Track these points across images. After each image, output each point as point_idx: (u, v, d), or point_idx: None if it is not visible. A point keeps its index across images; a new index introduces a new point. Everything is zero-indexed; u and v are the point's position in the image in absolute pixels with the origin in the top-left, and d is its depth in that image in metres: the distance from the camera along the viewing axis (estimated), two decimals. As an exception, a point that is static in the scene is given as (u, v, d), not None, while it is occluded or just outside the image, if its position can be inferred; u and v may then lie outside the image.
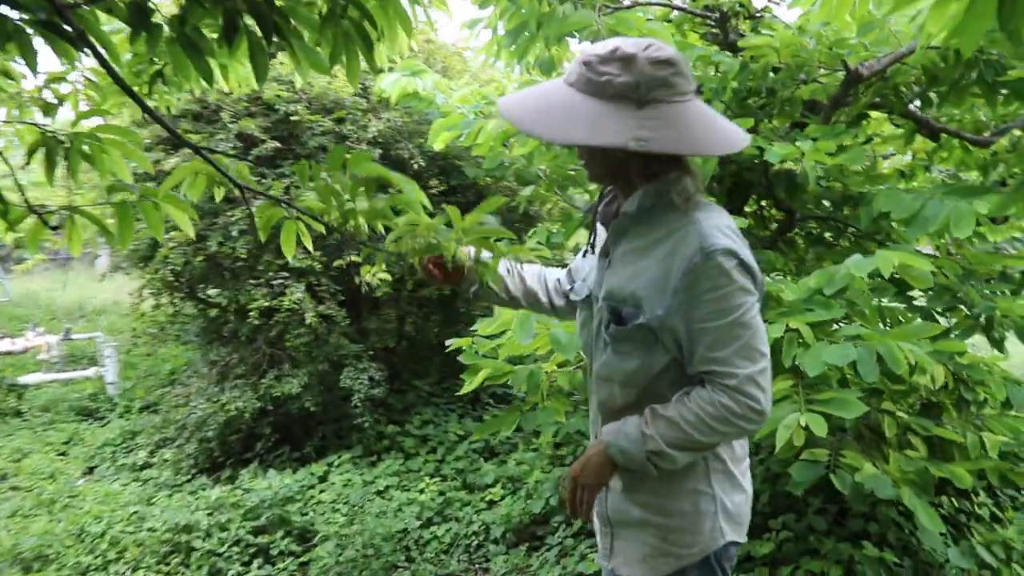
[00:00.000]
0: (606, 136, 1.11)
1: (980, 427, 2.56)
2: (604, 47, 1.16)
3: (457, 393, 3.79)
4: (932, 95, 3.24)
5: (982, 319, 2.50)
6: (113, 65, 1.21)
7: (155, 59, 1.84)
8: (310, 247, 1.63)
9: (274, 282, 4.09)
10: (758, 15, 3.19)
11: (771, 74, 2.94)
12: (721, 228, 1.21)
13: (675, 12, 3.01)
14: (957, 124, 3.72)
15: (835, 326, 2.23)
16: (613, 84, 1.12)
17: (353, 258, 3.99)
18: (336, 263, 4.19)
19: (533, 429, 2.20)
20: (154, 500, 4.10)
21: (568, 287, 1.59)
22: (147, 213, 1.27)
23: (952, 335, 2.48)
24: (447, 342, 2.48)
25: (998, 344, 2.63)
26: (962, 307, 2.57)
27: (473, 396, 5.61)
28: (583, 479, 1.31)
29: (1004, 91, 2.94)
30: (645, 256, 1.27)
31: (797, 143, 2.64)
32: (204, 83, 1.56)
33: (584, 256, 1.50)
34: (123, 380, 6.51)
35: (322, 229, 1.60)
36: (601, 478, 1.31)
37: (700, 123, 1.16)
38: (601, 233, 1.42)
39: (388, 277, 3.79)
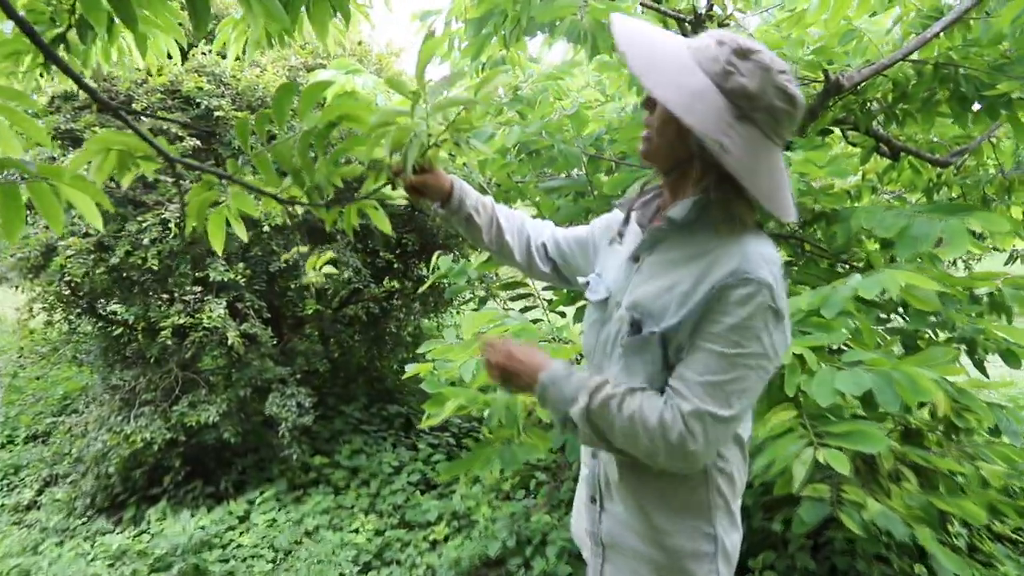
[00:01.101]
0: (695, 116, 1.01)
1: (972, 455, 2.44)
2: (748, 43, 1.07)
3: (420, 426, 3.46)
4: (898, 112, 3.17)
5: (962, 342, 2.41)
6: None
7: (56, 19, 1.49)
8: (243, 234, 1.44)
9: (190, 297, 3.66)
10: (725, 23, 3.05)
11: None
12: (768, 260, 1.10)
13: (641, 9, 2.82)
14: (914, 144, 3.70)
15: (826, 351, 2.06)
16: (733, 79, 1.04)
17: (304, 248, 3.61)
18: (284, 262, 3.79)
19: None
20: (41, 549, 3.57)
21: (560, 256, 1.55)
22: (41, 199, 0.95)
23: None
24: (408, 368, 2.17)
25: (981, 367, 2.54)
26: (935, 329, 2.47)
27: (404, 422, 5.27)
28: (506, 364, 1.29)
29: (976, 108, 2.89)
30: (679, 269, 1.16)
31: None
32: (123, 48, 1.24)
33: (610, 244, 1.37)
34: (5, 407, 5.81)
35: (256, 212, 1.40)
36: (511, 384, 1.30)
37: (775, 172, 1.09)
38: (633, 232, 1.31)
39: (321, 279, 3.41)
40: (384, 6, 2.08)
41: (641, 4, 2.70)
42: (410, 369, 2.19)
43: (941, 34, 2.52)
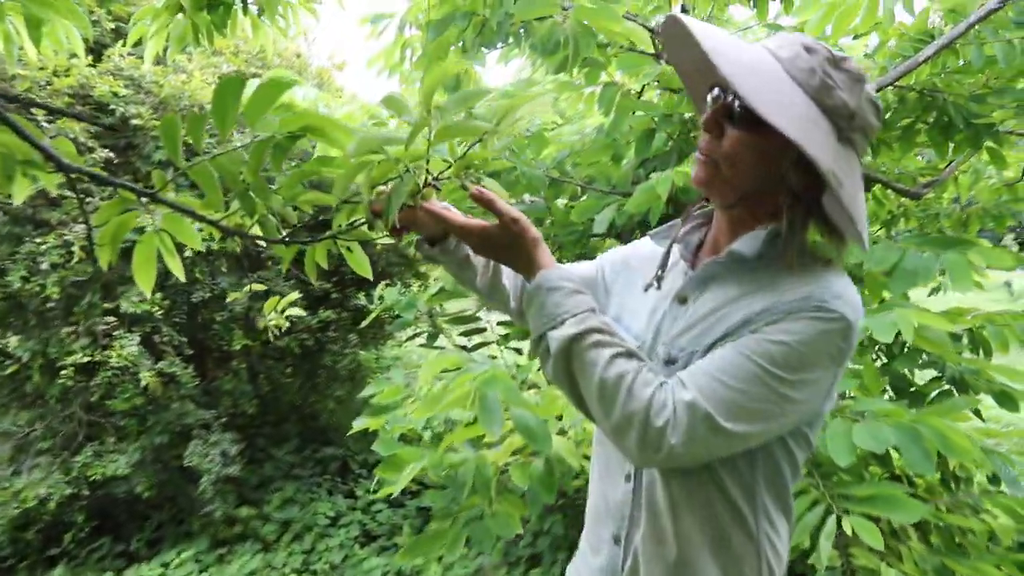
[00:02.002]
0: (813, 146, 0.85)
1: (975, 508, 2.28)
2: (834, 50, 0.92)
3: (374, 487, 3.11)
4: (874, 140, 3.06)
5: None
6: None
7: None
8: (181, 274, 1.19)
9: (98, 329, 3.24)
10: None
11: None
12: (852, 302, 0.93)
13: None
14: (883, 175, 3.61)
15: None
16: (835, 96, 0.90)
17: (256, 285, 3.21)
18: (210, 292, 3.40)
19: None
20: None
21: None
22: None
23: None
24: (356, 423, 1.87)
25: (977, 411, 2.40)
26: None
27: (341, 466, 4.89)
28: (487, 247, 1.06)
29: (957, 138, 2.79)
30: (738, 302, 0.98)
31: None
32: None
33: (646, 291, 1.14)
34: None
35: (199, 244, 1.15)
36: (496, 249, 1.05)
37: (862, 199, 0.93)
38: (677, 268, 1.11)
39: (284, 323, 3.00)
40: (336, 6, 1.81)
41: (625, 16, 2.50)
42: (358, 424, 1.89)
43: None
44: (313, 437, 5.12)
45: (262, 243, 1.33)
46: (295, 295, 2.56)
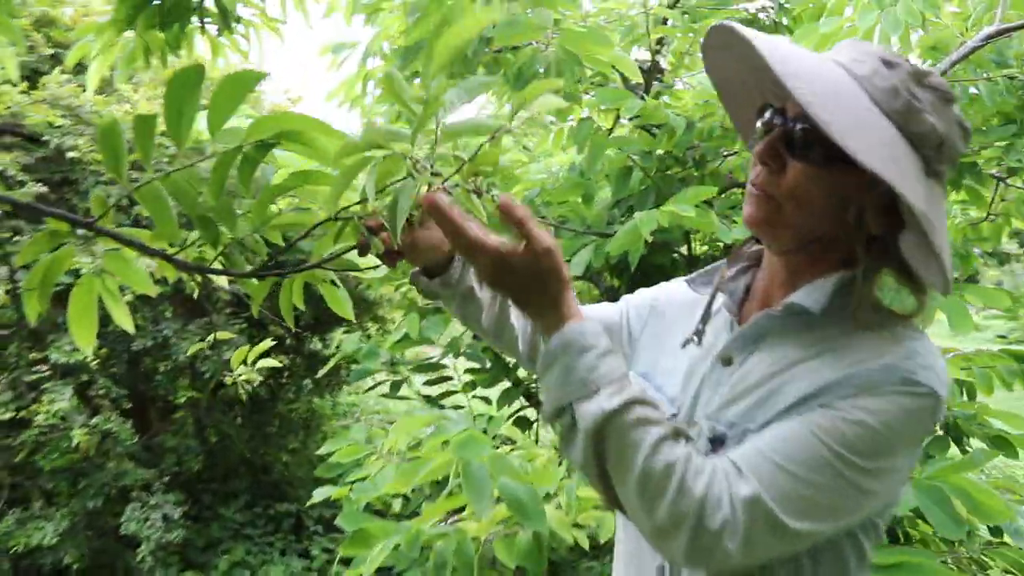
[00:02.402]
0: (905, 186, 0.72)
1: (980, 564, 2.15)
2: (917, 64, 0.79)
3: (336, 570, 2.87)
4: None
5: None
6: None
7: None
8: (128, 324, 1.01)
9: (25, 381, 2.95)
10: (658, 80, 2.78)
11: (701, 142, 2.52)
12: (937, 367, 0.78)
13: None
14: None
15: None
16: (922, 120, 0.76)
17: (222, 334, 2.96)
18: (153, 340, 3.13)
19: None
20: None
21: None
22: None
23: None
24: (317, 494, 1.67)
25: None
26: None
27: (295, 523, 4.60)
28: (501, 278, 0.79)
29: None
30: (797, 368, 0.82)
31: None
32: None
33: (684, 347, 0.96)
34: None
35: (151, 288, 0.97)
36: (505, 289, 0.81)
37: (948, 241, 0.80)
38: (719, 321, 0.94)
39: (256, 378, 2.61)
40: (296, 31, 1.66)
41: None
42: (319, 494, 1.68)
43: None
44: (265, 492, 4.82)
45: (221, 281, 1.14)
46: (267, 343, 2.25)
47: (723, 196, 2.60)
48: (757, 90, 0.87)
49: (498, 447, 2.15)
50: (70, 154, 3.03)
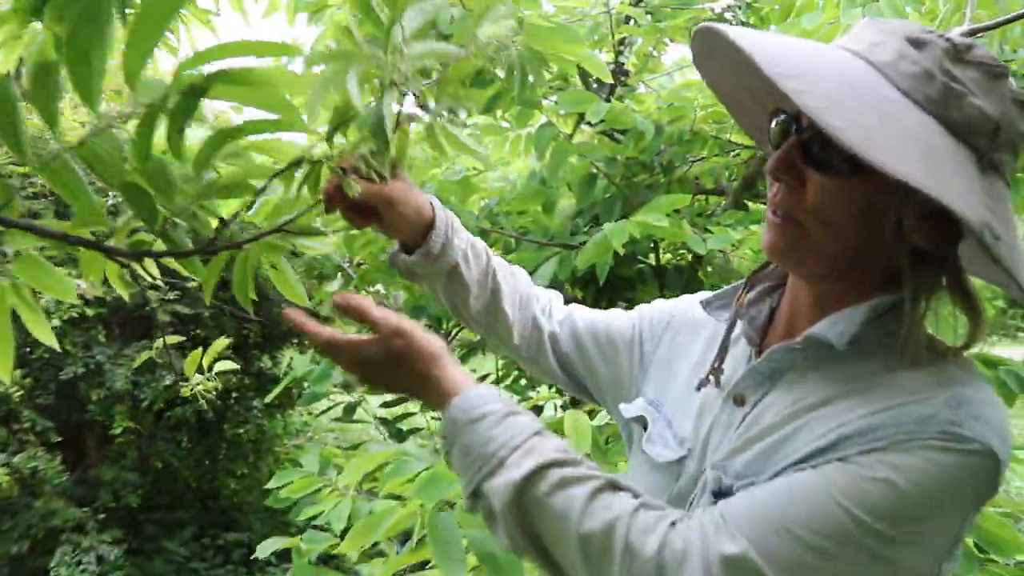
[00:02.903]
0: (951, 192, 0.58)
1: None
2: (956, 36, 0.65)
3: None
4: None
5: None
6: None
7: None
8: (50, 339, 0.86)
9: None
10: (622, 83, 2.66)
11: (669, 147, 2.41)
12: (994, 422, 0.63)
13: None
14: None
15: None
16: (966, 106, 0.62)
17: (170, 339, 2.67)
18: (85, 367, 2.88)
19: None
20: None
21: (578, 350, 1.00)
22: None
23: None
24: (265, 545, 1.51)
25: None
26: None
27: (246, 553, 4.36)
28: (367, 372, 0.78)
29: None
30: (818, 412, 0.68)
31: (727, 229, 2.08)
32: None
33: (698, 389, 0.82)
34: None
35: (72, 295, 0.81)
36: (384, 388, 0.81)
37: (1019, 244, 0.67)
38: (737, 350, 0.81)
39: (215, 386, 2.24)
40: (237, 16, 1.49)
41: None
42: (267, 546, 1.51)
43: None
44: (213, 521, 4.57)
45: (153, 288, 0.96)
46: (225, 340, 1.97)
47: (691, 204, 2.50)
48: (768, 94, 0.74)
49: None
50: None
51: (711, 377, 0.79)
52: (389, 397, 3.09)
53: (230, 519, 4.66)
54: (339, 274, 3.49)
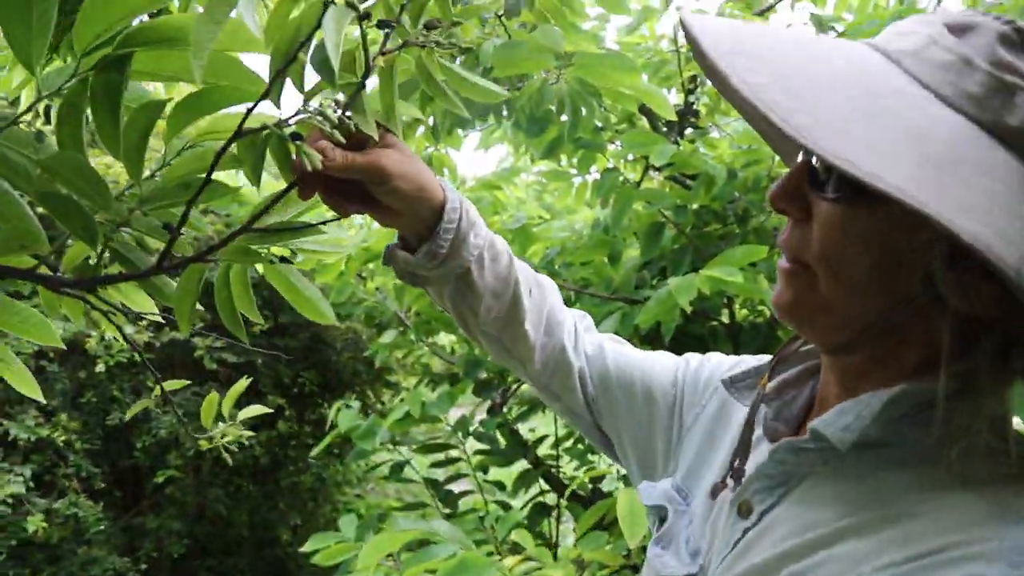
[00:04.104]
0: (989, 217, 0.41)
1: None
2: (1001, 17, 0.48)
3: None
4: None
5: None
6: None
7: None
8: (33, 391, 0.76)
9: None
10: (692, 124, 2.47)
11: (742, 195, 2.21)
12: None
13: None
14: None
15: None
16: (1015, 104, 0.45)
17: (174, 384, 2.64)
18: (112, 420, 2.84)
19: None
20: None
21: (605, 394, 0.82)
22: None
23: None
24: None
25: None
26: None
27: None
28: None
29: None
30: (835, 549, 0.51)
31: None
32: None
33: (713, 496, 0.66)
34: None
35: (53, 340, 0.70)
36: None
37: None
38: (763, 449, 0.63)
39: (242, 436, 2.20)
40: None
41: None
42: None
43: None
44: (267, 571, 4.46)
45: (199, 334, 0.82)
46: (244, 383, 1.86)
47: (769, 256, 2.28)
48: None
49: (503, 557, 1.79)
50: None
51: (729, 480, 0.62)
52: (439, 456, 2.94)
53: (284, 569, 4.54)
54: (394, 324, 3.39)
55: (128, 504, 3.42)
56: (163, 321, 0.75)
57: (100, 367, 2.78)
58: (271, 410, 2.09)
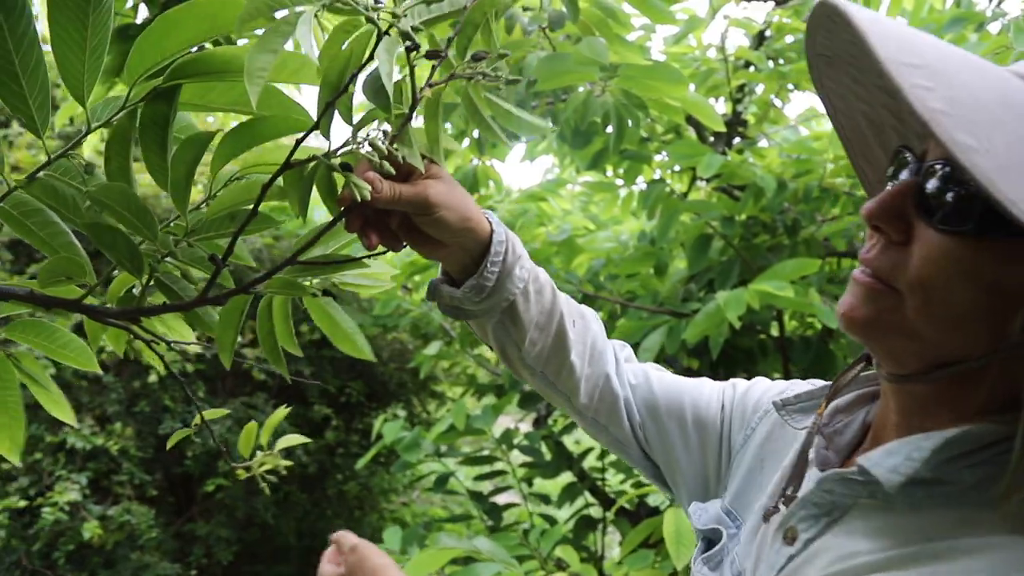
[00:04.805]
0: None
1: None
2: None
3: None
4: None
5: None
6: None
7: None
8: (67, 415, 0.77)
9: (44, 468, 2.74)
10: (740, 134, 2.42)
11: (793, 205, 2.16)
12: None
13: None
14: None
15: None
16: None
17: (214, 412, 2.72)
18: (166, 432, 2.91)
19: None
20: None
21: (655, 423, 0.81)
22: None
23: None
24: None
25: None
26: None
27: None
28: None
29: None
30: None
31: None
32: None
33: (766, 519, 0.63)
34: None
35: (92, 366, 0.71)
36: None
37: None
38: (814, 476, 0.60)
39: (281, 466, 2.30)
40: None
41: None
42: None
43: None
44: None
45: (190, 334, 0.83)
46: (284, 410, 1.92)
47: (821, 268, 2.22)
48: (894, 128, 0.57)
49: (549, 574, 1.77)
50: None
51: (781, 506, 0.60)
52: (481, 470, 2.92)
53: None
54: (440, 335, 3.41)
55: (179, 511, 3.50)
56: (203, 350, 0.76)
57: (153, 377, 2.85)
58: (308, 440, 2.12)
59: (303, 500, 4.60)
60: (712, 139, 2.35)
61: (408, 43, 0.50)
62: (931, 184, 0.48)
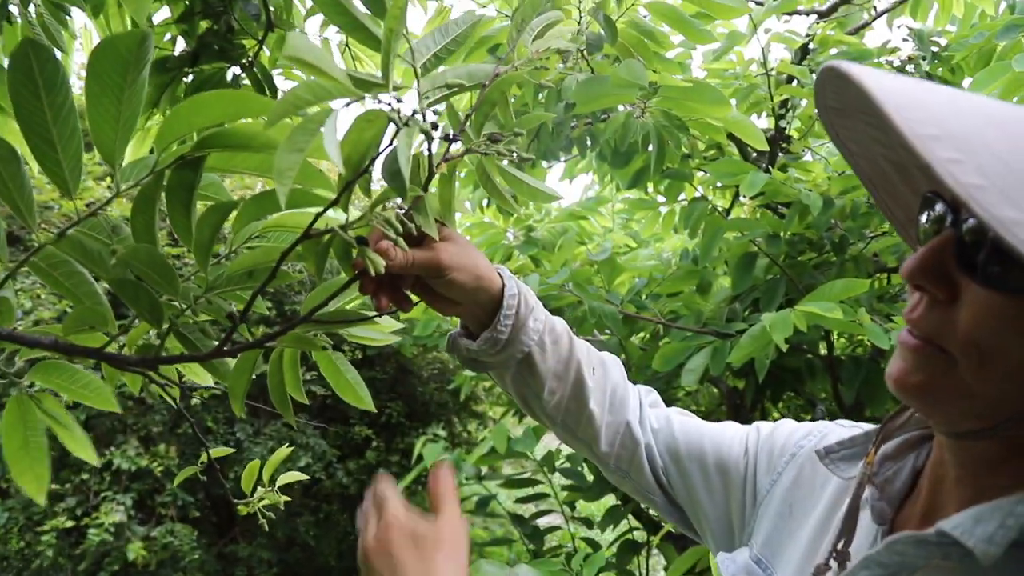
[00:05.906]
0: None
1: None
2: None
3: None
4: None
5: None
6: None
7: None
8: (90, 455, 0.77)
9: (90, 488, 2.81)
10: (783, 150, 2.38)
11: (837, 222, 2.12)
12: None
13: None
14: None
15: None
16: None
17: (220, 451, 2.77)
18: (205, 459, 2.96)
19: None
20: None
21: (676, 465, 0.81)
22: None
23: None
24: None
25: None
26: None
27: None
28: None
29: None
30: None
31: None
32: None
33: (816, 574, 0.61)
34: None
35: (112, 406, 0.72)
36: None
37: None
38: (867, 524, 0.59)
39: (280, 501, 2.37)
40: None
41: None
42: None
43: None
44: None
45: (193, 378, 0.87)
46: (286, 451, 1.95)
47: (871, 286, 2.16)
48: (920, 169, 0.54)
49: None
50: None
51: (832, 562, 0.58)
52: (523, 492, 2.91)
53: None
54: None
55: (221, 532, 3.55)
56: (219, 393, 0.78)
57: (195, 399, 2.90)
58: (306, 477, 2.14)
59: (344, 521, 4.63)
60: (755, 155, 2.32)
61: (428, 136, 0.52)
62: (975, 240, 0.45)
